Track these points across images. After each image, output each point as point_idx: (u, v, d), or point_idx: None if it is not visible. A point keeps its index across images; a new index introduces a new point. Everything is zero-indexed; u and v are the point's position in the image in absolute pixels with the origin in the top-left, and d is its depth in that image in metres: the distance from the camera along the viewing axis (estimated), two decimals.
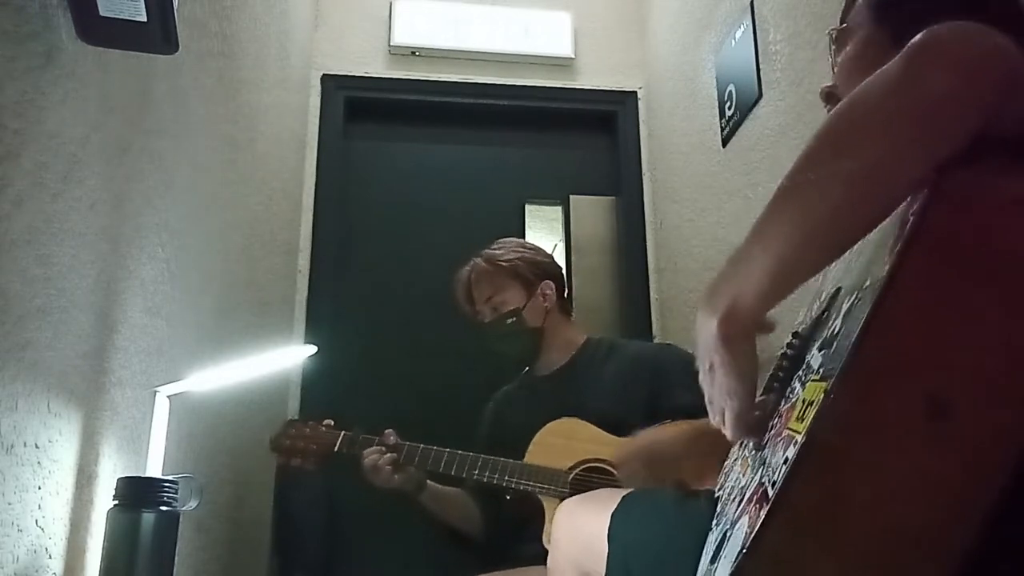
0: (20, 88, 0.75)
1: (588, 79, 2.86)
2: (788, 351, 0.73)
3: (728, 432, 0.68)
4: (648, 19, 2.89)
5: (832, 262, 0.66)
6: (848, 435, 0.52)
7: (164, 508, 0.90)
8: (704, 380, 0.68)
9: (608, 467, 1.54)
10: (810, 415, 0.54)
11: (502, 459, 1.59)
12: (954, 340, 0.53)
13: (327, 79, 2.69)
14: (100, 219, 0.94)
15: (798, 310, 0.83)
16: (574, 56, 2.84)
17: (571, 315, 1.89)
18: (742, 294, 0.63)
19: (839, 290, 0.68)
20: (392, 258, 2.62)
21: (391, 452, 1.60)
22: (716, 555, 0.62)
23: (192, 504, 1.03)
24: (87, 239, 0.91)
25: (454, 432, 1.74)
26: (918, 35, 0.60)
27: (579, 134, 2.89)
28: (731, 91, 2.09)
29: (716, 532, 0.67)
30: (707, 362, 0.66)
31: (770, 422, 0.67)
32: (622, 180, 2.77)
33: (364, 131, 2.74)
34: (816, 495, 0.52)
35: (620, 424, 1.58)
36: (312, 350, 1.35)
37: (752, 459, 0.67)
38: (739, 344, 0.63)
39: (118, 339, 1.01)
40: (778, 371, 0.73)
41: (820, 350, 0.63)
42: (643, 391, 1.63)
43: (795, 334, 0.75)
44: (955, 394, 0.51)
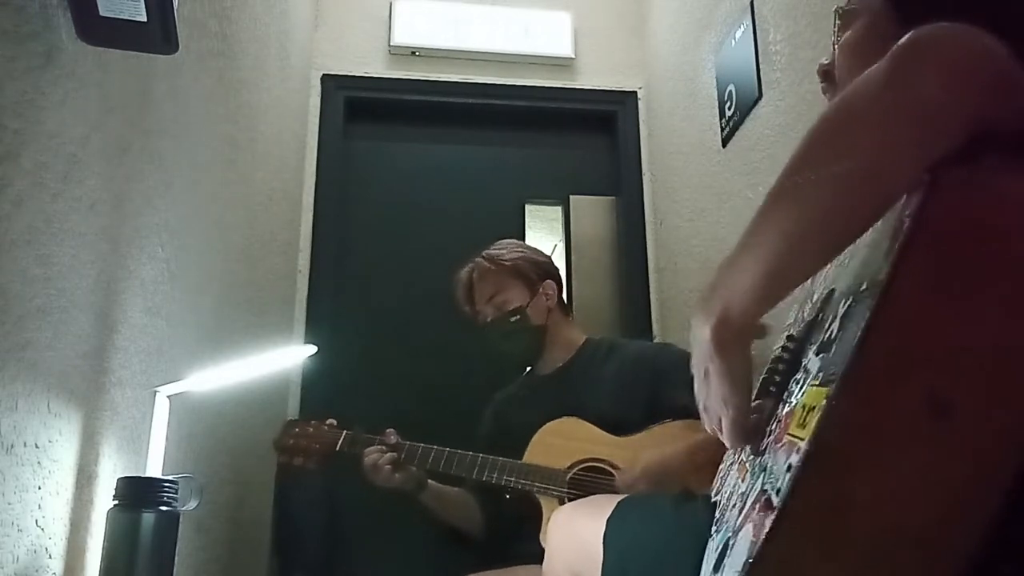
0: (20, 88, 0.75)
1: (588, 79, 2.86)
2: (783, 354, 0.73)
3: (725, 439, 0.68)
4: (648, 19, 2.89)
5: (824, 266, 0.65)
6: (851, 440, 0.52)
7: (164, 508, 0.90)
8: (699, 388, 0.68)
9: (607, 466, 1.54)
10: (812, 421, 0.54)
11: (501, 458, 1.59)
12: (954, 341, 0.52)
13: (327, 79, 2.69)
14: (100, 219, 0.94)
15: (788, 312, 0.82)
16: (574, 56, 2.84)
17: (570, 316, 1.89)
18: (734, 300, 0.62)
19: (832, 292, 0.68)
20: (392, 258, 2.62)
21: (392, 451, 1.60)
22: (719, 564, 0.61)
23: (192, 504, 1.03)
24: (87, 239, 0.91)
25: (454, 432, 1.74)
26: (903, 37, 0.59)
27: (579, 134, 2.89)
28: (731, 91, 2.09)
29: (717, 539, 0.67)
30: (702, 369, 0.66)
31: (768, 427, 0.66)
32: (622, 180, 2.77)
33: (364, 131, 2.74)
34: (821, 501, 0.52)
35: (620, 424, 1.58)
36: (312, 350, 1.35)
37: (751, 464, 0.67)
38: (733, 351, 0.63)
39: (118, 339, 1.01)
40: (773, 375, 0.72)
41: (818, 354, 0.63)
42: (643, 391, 1.63)
43: (790, 336, 0.74)
44: (957, 395, 0.51)
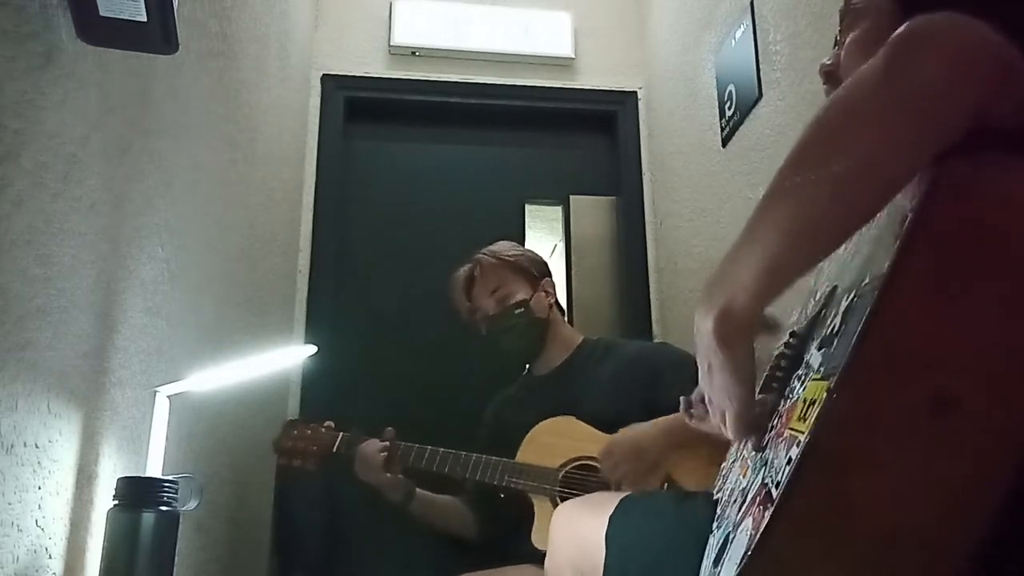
0: (20, 88, 0.75)
1: (588, 79, 2.86)
2: (786, 350, 0.73)
3: (728, 432, 0.68)
4: (648, 19, 2.89)
5: (824, 258, 0.65)
6: (851, 434, 0.52)
7: (164, 508, 0.90)
8: (703, 381, 0.68)
9: (597, 464, 1.54)
10: (813, 414, 0.54)
11: (494, 458, 1.59)
12: (956, 337, 0.52)
13: (327, 79, 2.69)
14: (100, 219, 0.94)
15: (792, 310, 0.82)
16: (574, 56, 2.84)
17: (565, 317, 1.90)
18: (736, 293, 0.62)
19: (835, 288, 0.68)
20: (392, 258, 2.62)
21: (386, 450, 1.61)
22: (719, 558, 0.61)
23: (192, 504, 1.03)
24: (87, 239, 0.91)
25: (454, 432, 1.74)
26: (900, 27, 0.59)
27: (579, 134, 2.89)
28: (731, 91, 2.09)
29: (718, 535, 0.67)
30: (706, 363, 0.66)
31: (770, 422, 0.67)
32: (622, 180, 2.77)
33: (364, 131, 2.74)
34: (820, 495, 0.52)
35: (616, 424, 1.58)
36: (312, 350, 1.35)
37: (753, 460, 0.67)
38: (737, 344, 0.63)
39: (118, 339, 1.01)
40: (776, 370, 0.72)
41: (820, 349, 0.63)
42: (639, 391, 1.63)
43: (792, 333, 0.74)
44: (958, 392, 0.51)
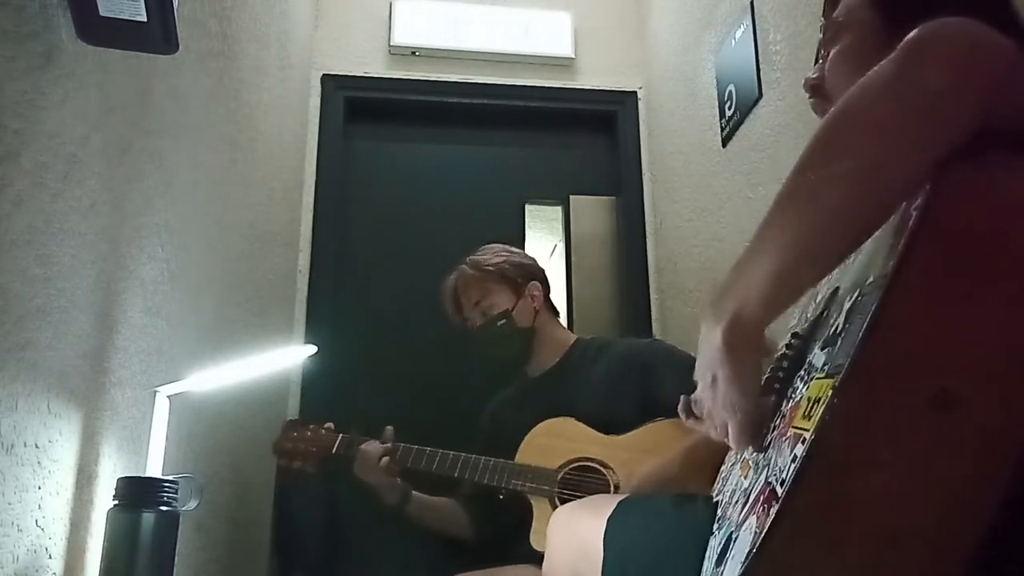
0: (20, 88, 0.75)
1: (588, 79, 2.86)
2: (788, 352, 0.73)
3: (733, 444, 0.67)
4: (648, 19, 2.89)
5: (836, 266, 0.65)
6: (856, 431, 0.52)
7: (164, 508, 0.90)
8: (704, 394, 0.67)
9: (598, 466, 1.54)
10: (818, 412, 0.54)
11: (493, 459, 1.60)
12: (959, 336, 0.52)
13: (327, 79, 2.69)
14: (100, 219, 0.94)
15: (792, 313, 0.82)
16: (574, 56, 2.84)
17: (558, 316, 1.90)
18: (747, 302, 0.62)
19: (837, 289, 0.68)
20: (392, 258, 2.61)
21: (386, 452, 1.62)
22: (722, 558, 0.61)
23: (192, 504, 1.03)
24: (87, 239, 0.91)
25: (454, 432, 1.74)
26: (911, 33, 0.60)
27: (579, 134, 2.88)
28: (731, 91, 2.09)
29: (719, 536, 0.66)
30: (709, 375, 0.65)
31: (771, 423, 0.66)
32: (622, 180, 2.77)
33: (364, 131, 2.74)
34: (826, 492, 0.52)
35: (611, 423, 1.59)
36: (312, 350, 1.35)
37: (754, 460, 0.67)
38: (745, 355, 0.62)
39: (118, 339, 1.01)
40: (777, 372, 0.72)
41: (823, 348, 0.63)
42: (633, 389, 1.63)
43: (795, 334, 0.74)
44: (960, 390, 0.51)
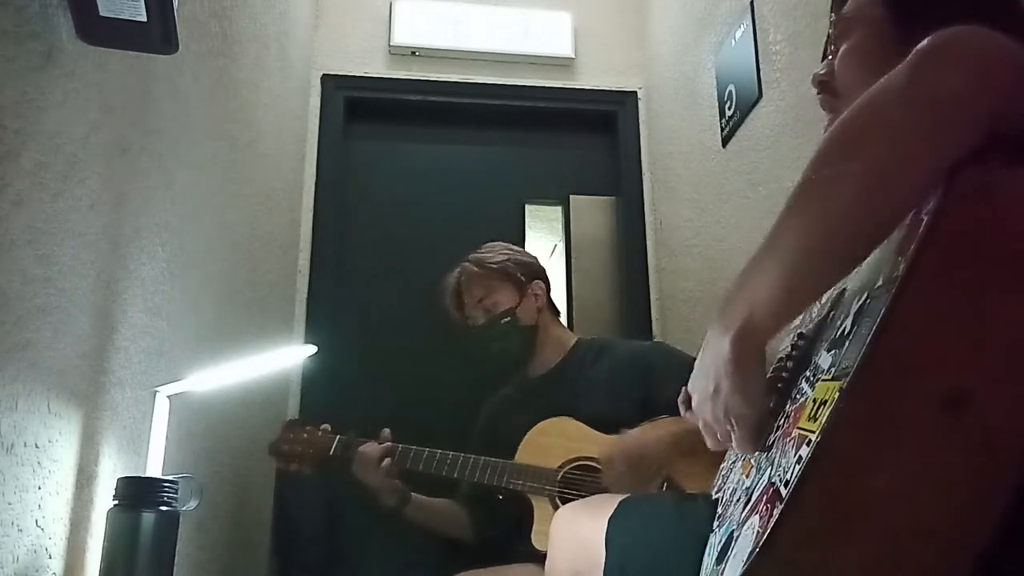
0: (20, 88, 0.75)
1: (588, 79, 2.86)
2: (793, 352, 0.73)
3: (737, 451, 0.67)
4: (648, 19, 2.89)
5: (846, 274, 0.64)
6: (863, 433, 0.52)
7: (164, 508, 0.90)
8: (703, 405, 0.66)
9: (598, 465, 1.54)
10: (824, 414, 0.54)
11: (492, 459, 1.59)
12: (968, 339, 0.52)
13: (327, 79, 2.69)
14: (100, 219, 0.94)
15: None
16: (574, 56, 2.84)
17: (559, 316, 1.89)
18: (756, 309, 0.61)
19: (843, 291, 0.68)
20: (392, 258, 2.61)
21: (385, 453, 1.62)
22: (723, 556, 0.61)
23: (192, 504, 1.03)
24: (87, 239, 0.90)
25: (453, 432, 1.74)
26: (926, 39, 0.60)
27: (579, 134, 2.88)
28: (731, 91, 2.09)
29: (719, 534, 0.66)
30: (711, 386, 0.64)
31: (774, 423, 0.66)
32: (622, 180, 2.77)
33: (364, 131, 2.73)
34: (830, 493, 0.52)
35: (612, 423, 1.58)
36: (312, 350, 1.35)
37: (757, 460, 0.66)
38: (752, 365, 0.62)
39: (118, 339, 1.01)
40: (780, 372, 0.72)
41: (829, 350, 0.62)
42: (634, 390, 1.63)
43: (800, 335, 0.74)
44: (970, 393, 0.51)
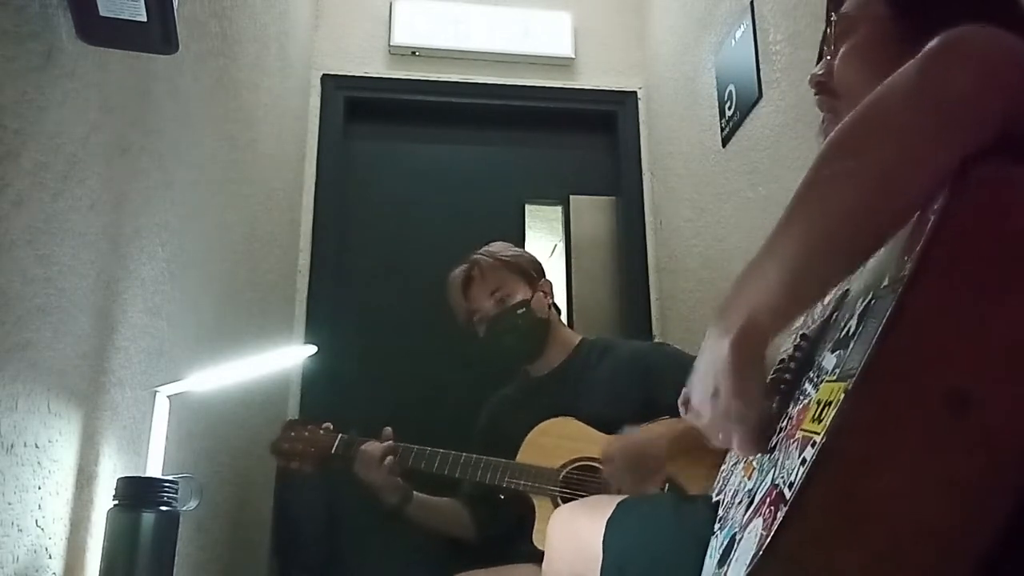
0: (20, 88, 0.75)
1: (588, 79, 2.86)
2: (796, 353, 0.72)
3: (738, 453, 0.66)
4: (648, 19, 2.89)
5: (849, 273, 0.63)
6: (869, 434, 0.52)
7: (164, 508, 0.90)
8: (704, 406, 0.65)
9: (599, 465, 1.54)
10: (829, 415, 0.53)
11: (494, 459, 1.59)
12: (977, 337, 0.52)
13: (327, 79, 2.69)
14: (100, 219, 0.94)
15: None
16: (574, 56, 2.84)
17: (560, 315, 1.90)
18: (757, 310, 0.60)
19: (847, 292, 0.67)
20: (392, 258, 2.61)
21: (388, 451, 1.61)
22: (725, 558, 0.61)
23: (192, 504, 1.03)
24: (87, 239, 0.90)
25: (454, 432, 1.74)
26: (936, 38, 0.59)
27: (579, 134, 2.88)
28: (731, 91, 2.09)
29: (721, 536, 0.66)
30: (711, 387, 0.63)
31: (776, 425, 0.66)
32: (622, 180, 2.77)
33: (364, 131, 2.73)
34: (835, 495, 0.51)
35: (614, 424, 1.58)
36: (312, 350, 1.35)
37: (759, 462, 0.66)
38: (751, 368, 0.61)
39: (118, 339, 1.00)
40: (783, 374, 0.71)
41: (834, 351, 0.62)
42: (636, 391, 1.63)
43: (803, 336, 0.74)
44: (977, 392, 0.51)
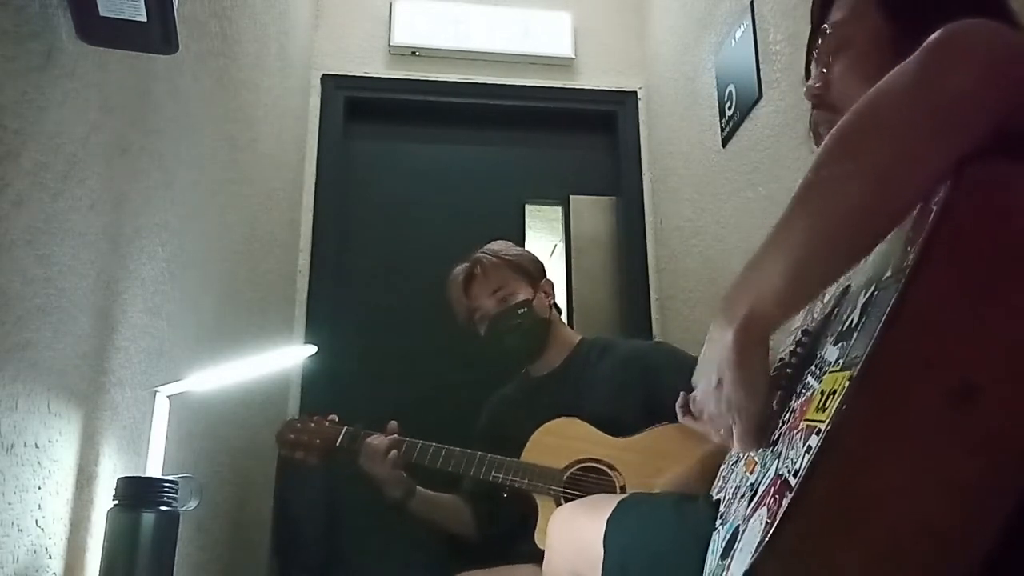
0: (20, 88, 0.75)
1: (588, 79, 2.86)
2: (797, 348, 0.73)
3: (736, 446, 0.67)
4: (648, 19, 2.89)
5: (851, 267, 0.64)
6: (873, 422, 0.52)
7: (164, 508, 0.90)
8: (707, 397, 0.66)
9: (604, 467, 1.54)
10: (834, 404, 0.53)
11: (500, 457, 1.59)
12: (977, 330, 0.52)
13: (327, 79, 2.69)
14: (100, 219, 0.94)
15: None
16: (574, 56, 2.84)
17: (561, 315, 1.90)
18: (760, 301, 0.61)
19: (848, 288, 0.68)
20: (392, 258, 2.61)
21: (393, 444, 1.62)
22: (728, 550, 0.61)
23: (192, 504, 1.03)
24: (87, 239, 0.90)
25: (454, 432, 1.73)
26: (935, 33, 0.60)
27: (579, 134, 2.88)
28: (731, 91, 2.09)
29: (723, 530, 0.66)
30: (714, 378, 0.64)
31: (778, 421, 0.66)
32: (622, 180, 2.77)
33: (364, 131, 2.73)
34: (840, 482, 0.52)
35: (615, 424, 1.59)
36: (312, 350, 1.35)
37: (761, 456, 0.66)
38: (754, 358, 0.62)
39: (118, 339, 1.00)
40: (785, 369, 0.72)
41: (836, 344, 0.62)
42: (636, 390, 1.63)
43: (805, 331, 0.74)
44: (979, 383, 0.51)
